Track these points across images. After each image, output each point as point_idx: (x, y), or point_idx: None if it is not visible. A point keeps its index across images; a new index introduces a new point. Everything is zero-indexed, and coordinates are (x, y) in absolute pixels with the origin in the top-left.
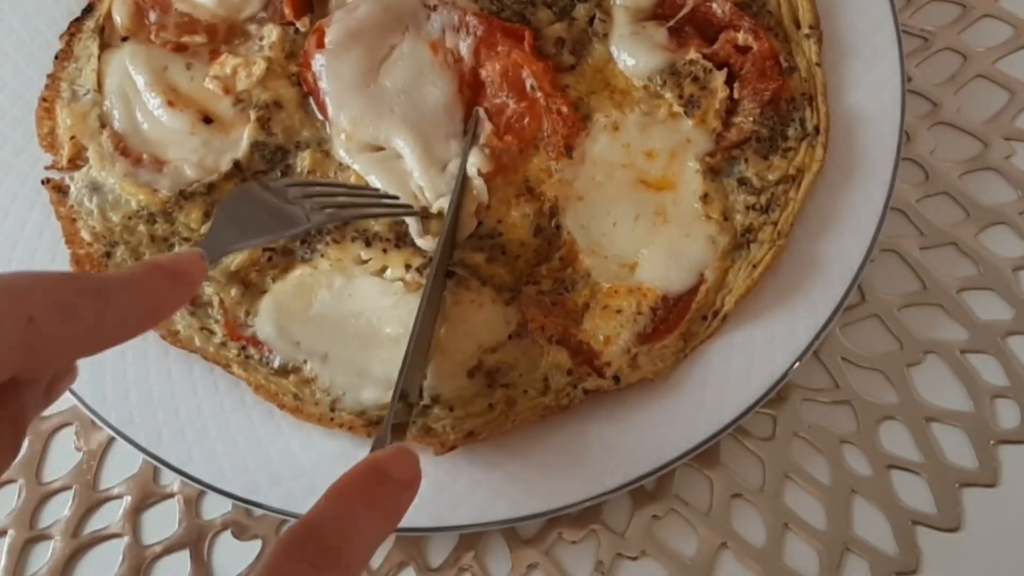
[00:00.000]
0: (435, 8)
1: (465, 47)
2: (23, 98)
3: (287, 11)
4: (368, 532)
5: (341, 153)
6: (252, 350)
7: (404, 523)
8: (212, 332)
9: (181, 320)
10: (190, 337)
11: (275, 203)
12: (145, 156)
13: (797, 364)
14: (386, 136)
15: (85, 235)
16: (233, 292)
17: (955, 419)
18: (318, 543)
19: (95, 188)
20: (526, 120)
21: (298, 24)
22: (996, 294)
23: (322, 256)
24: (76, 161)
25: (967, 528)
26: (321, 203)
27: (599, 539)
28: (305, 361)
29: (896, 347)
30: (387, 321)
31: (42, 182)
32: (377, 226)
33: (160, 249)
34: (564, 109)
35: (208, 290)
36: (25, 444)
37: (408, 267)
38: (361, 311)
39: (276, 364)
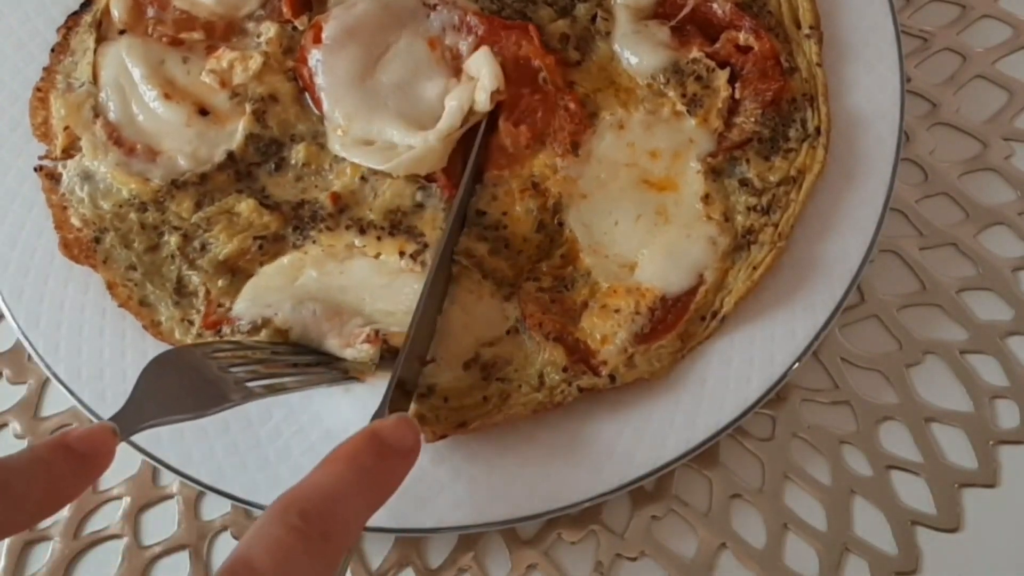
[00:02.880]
0: (435, 7)
1: (465, 47)
2: (22, 98)
3: (285, 9)
4: (359, 503)
5: (336, 148)
6: (225, 328)
7: (404, 524)
8: (191, 323)
9: (165, 310)
10: (171, 329)
11: (201, 373)
12: (139, 146)
13: (796, 364)
14: (379, 130)
15: (75, 222)
16: (220, 282)
17: (955, 419)
18: (307, 511)
19: (87, 176)
20: (539, 113)
21: (296, 22)
22: (996, 294)
23: (314, 243)
24: (70, 151)
25: (967, 528)
26: (251, 373)
27: (598, 539)
28: (276, 313)
29: (895, 347)
30: (379, 299)
31: (35, 169)
32: (372, 214)
33: (150, 238)
34: (572, 106)
35: (195, 280)
36: (24, 445)
37: (402, 254)
38: (350, 287)
39: (246, 328)
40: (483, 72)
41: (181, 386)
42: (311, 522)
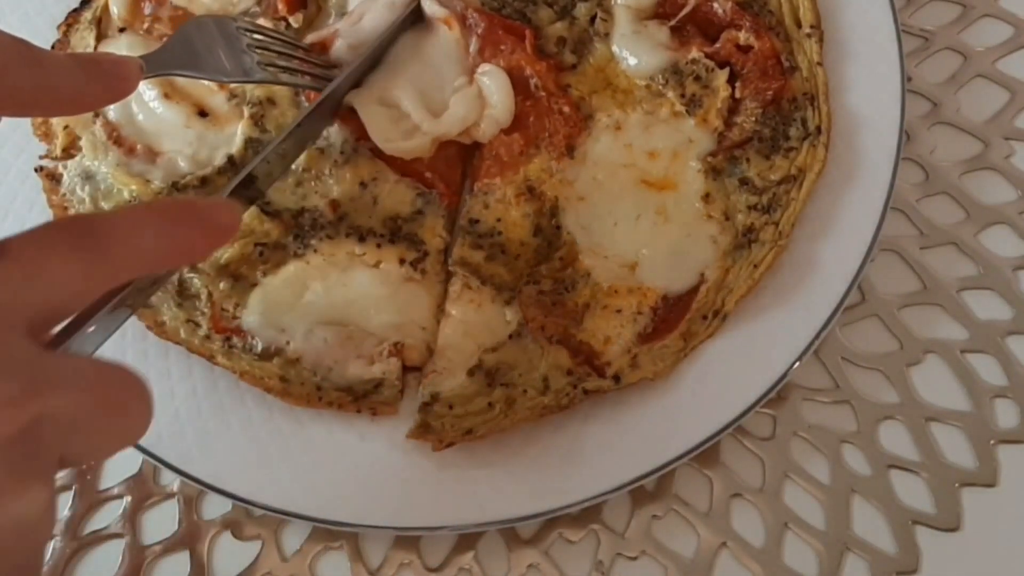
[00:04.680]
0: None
1: (471, 45)
2: None
3: (280, 6)
4: (154, 244)
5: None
6: (236, 339)
7: (404, 523)
8: (198, 325)
9: (168, 311)
10: (175, 329)
11: (232, 45)
12: (139, 146)
13: (797, 364)
14: (395, 94)
15: None
16: (222, 285)
17: (955, 419)
18: (87, 227)
19: (87, 177)
20: (531, 119)
21: (291, 19)
22: (996, 294)
23: (315, 252)
24: (70, 151)
25: (967, 528)
26: (266, 59)
27: (599, 539)
28: (288, 342)
29: (896, 347)
30: (384, 311)
31: (36, 170)
32: (371, 222)
33: None
34: (566, 109)
35: (197, 283)
36: None
37: (403, 262)
38: (355, 300)
39: (259, 348)
40: (498, 104)
41: (210, 50)
42: (87, 238)
